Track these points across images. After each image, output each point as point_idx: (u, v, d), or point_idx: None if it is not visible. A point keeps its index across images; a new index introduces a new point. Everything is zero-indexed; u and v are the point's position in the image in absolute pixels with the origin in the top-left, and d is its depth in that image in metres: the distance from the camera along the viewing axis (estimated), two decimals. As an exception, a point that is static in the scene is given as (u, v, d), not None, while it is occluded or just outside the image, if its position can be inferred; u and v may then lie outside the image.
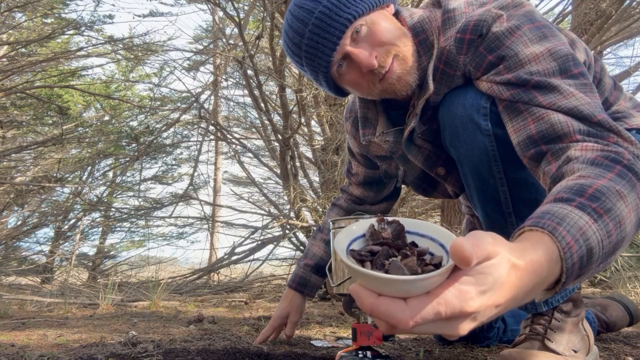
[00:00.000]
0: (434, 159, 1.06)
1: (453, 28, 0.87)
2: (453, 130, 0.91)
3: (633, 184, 0.62)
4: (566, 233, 0.52)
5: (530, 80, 0.78)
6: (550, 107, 0.76)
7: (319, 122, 4.32)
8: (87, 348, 1.28)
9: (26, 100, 5.03)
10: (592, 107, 0.74)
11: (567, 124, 0.73)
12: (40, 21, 4.99)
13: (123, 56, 5.26)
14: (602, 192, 0.58)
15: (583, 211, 0.55)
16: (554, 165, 0.73)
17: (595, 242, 0.54)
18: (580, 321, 1.03)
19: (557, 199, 0.58)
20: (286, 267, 4.61)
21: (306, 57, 0.90)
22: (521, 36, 0.81)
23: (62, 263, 5.77)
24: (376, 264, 0.46)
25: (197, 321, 1.79)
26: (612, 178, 0.61)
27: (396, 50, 0.88)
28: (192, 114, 5.29)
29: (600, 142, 0.70)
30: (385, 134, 1.04)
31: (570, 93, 0.76)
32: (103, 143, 5.74)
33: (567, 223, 0.53)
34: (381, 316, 0.42)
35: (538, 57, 0.79)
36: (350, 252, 0.49)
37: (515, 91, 0.80)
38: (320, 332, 1.62)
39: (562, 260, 0.51)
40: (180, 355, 1.17)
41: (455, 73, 0.90)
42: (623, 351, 1.25)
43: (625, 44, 4.32)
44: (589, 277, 0.57)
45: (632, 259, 2.99)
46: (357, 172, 1.29)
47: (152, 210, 5.63)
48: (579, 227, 0.53)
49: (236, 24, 3.57)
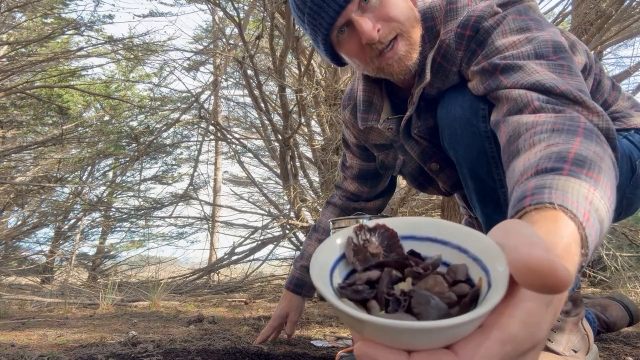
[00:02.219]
0: (429, 154, 1.05)
1: (454, 21, 0.86)
2: (451, 132, 0.89)
3: (601, 145, 0.56)
4: (578, 205, 0.43)
5: (499, 64, 0.76)
6: (513, 87, 0.72)
7: (319, 122, 4.32)
8: (87, 348, 1.28)
9: (26, 100, 5.03)
10: (556, 81, 0.69)
11: (526, 95, 0.69)
12: (40, 21, 4.99)
13: (123, 56, 5.26)
14: (583, 156, 0.51)
15: (578, 178, 0.47)
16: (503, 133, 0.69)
17: (604, 212, 0.46)
18: (580, 320, 1.03)
19: (541, 171, 0.50)
20: (286, 267, 4.61)
21: (309, 15, 0.86)
22: (504, 26, 0.80)
23: (62, 263, 5.77)
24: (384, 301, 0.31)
25: (197, 321, 1.79)
26: (582, 141, 0.56)
27: (401, 30, 0.85)
28: (192, 114, 5.29)
29: (555, 110, 0.65)
30: (389, 121, 1.01)
31: (535, 71, 0.72)
32: (103, 143, 5.74)
33: (572, 194, 0.44)
34: None
35: (515, 44, 0.77)
36: (341, 292, 0.33)
37: (487, 82, 0.78)
38: (320, 332, 1.62)
39: (583, 238, 0.42)
40: (180, 355, 1.17)
41: (451, 68, 0.88)
42: (623, 351, 1.25)
43: (625, 44, 4.32)
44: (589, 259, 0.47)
45: (632, 259, 2.99)
46: (352, 165, 1.27)
47: (152, 210, 5.63)
48: (584, 196, 0.45)
49: (236, 24, 3.57)
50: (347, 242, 0.37)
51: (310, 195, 4.12)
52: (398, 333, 0.28)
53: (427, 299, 0.30)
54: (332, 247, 0.37)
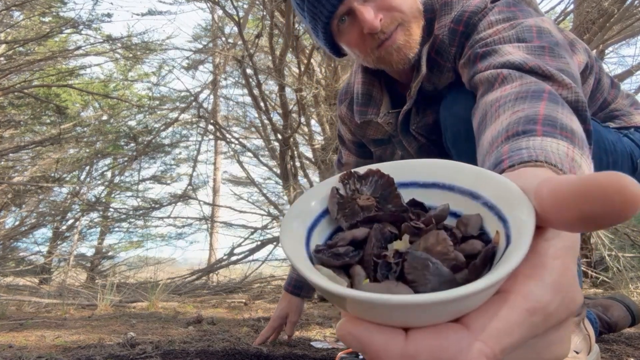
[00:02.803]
0: (427, 151, 1.03)
1: (448, 16, 0.84)
2: (455, 132, 0.87)
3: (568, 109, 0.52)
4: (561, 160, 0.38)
5: (479, 52, 0.73)
6: (486, 69, 0.69)
7: (318, 122, 4.31)
8: (86, 349, 1.26)
9: (24, 100, 5.01)
10: (527, 59, 0.64)
11: (497, 72, 0.65)
12: (38, 20, 4.97)
13: (121, 55, 5.25)
14: (552, 117, 0.48)
15: (553, 137, 0.43)
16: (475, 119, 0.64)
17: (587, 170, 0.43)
18: (582, 321, 1.02)
19: (512, 135, 0.45)
20: (286, 268, 4.60)
21: (309, 2, 0.84)
22: (489, 17, 0.78)
23: (60, 264, 5.75)
24: (372, 267, 0.24)
25: (196, 322, 1.77)
26: (547, 105, 0.51)
27: (402, 19, 0.83)
28: (191, 113, 5.27)
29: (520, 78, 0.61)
30: (389, 115, 0.99)
31: (508, 52, 0.68)
32: (101, 143, 5.72)
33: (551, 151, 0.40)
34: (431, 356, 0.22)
35: (498, 31, 0.74)
36: (316, 254, 0.26)
37: (469, 73, 0.74)
38: (320, 333, 1.60)
39: None
40: (179, 357, 1.15)
41: (445, 64, 0.87)
42: (625, 352, 1.24)
43: (628, 43, 4.31)
44: None
45: (634, 259, 2.99)
46: (348, 162, 1.24)
47: (150, 211, 5.61)
48: (565, 153, 0.41)
49: (235, 23, 3.56)
50: (332, 194, 0.29)
51: (310, 195, 4.10)
52: (385, 309, 0.21)
53: (425, 263, 0.23)
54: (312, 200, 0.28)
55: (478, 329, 0.22)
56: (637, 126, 1.03)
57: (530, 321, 0.23)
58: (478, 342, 0.22)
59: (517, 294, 0.23)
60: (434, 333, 0.22)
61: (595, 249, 3.07)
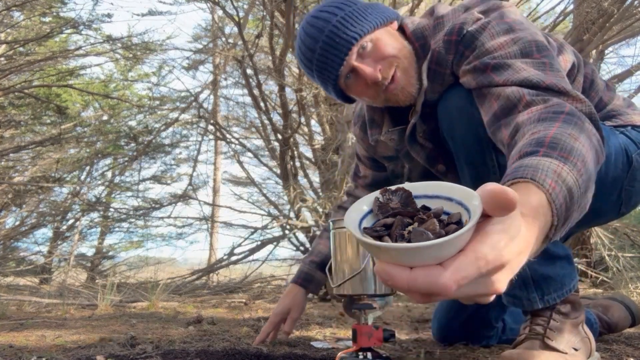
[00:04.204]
0: (435, 156, 1.12)
1: (441, 32, 0.97)
2: (450, 120, 0.98)
3: (580, 126, 0.66)
4: (545, 176, 0.53)
5: (489, 63, 0.87)
6: (504, 84, 0.82)
7: (319, 122, 4.31)
8: (86, 349, 1.27)
9: (24, 100, 5.01)
10: (541, 76, 0.80)
11: (518, 92, 0.79)
12: (38, 20, 4.97)
13: (122, 55, 5.25)
14: (557, 139, 0.61)
15: (550, 157, 0.57)
16: (505, 134, 0.79)
17: (572, 181, 0.55)
18: (580, 324, 1.03)
19: (522, 155, 0.60)
20: (286, 268, 4.61)
21: (317, 70, 1.02)
22: (490, 29, 0.91)
23: (61, 263, 5.75)
24: (395, 236, 0.43)
25: (196, 322, 1.78)
26: (560, 126, 0.65)
27: (398, 62, 0.99)
28: (191, 113, 5.27)
29: (544, 102, 0.75)
30: (390, 132, 1.12)
31: (522, 68, 0.83)
32: (101, 143, 5.72)
33: (542, 170, 0.54)
34: (421, 288, 0.39)
35: (502, 45, 0.88)
36: (364, 231, 0.46)
37: (479, 78, 0.88)
38: (320, 333, 1.61)
39: (550, 203, 0.51)
40: (179, 357, 1.16)
41: (445, 71, 0.98)
42: (625, 352, 1.25)
43: (627, 43, 4.30)
44: (571, 224, 0.57)
45: (634, 259, 2.99)
46: (365, 175, 1.37)
47: (151, 211, 5.61)
48: (553, 170, 0.55)
49: (236, 23, 3.56)
50: (374, 201, 0.50)
51: (310, 195, 4.11)
52: (398, 253, 0.40)
53: (422, 233, 0.41)
54: (363, 204, 0.50)
55: (448, 267, 0.39)
56: (634, 125, 1.07)
57: (477, 264, 0.39)
58: (447, 273, 0.38)
59: (471, 249, 0.40)
60: (424, 269, 0.39)
61: (595, 248, 3.07)
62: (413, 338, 1.49)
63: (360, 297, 1.03)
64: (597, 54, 3.32)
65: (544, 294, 0.96)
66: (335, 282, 1.05)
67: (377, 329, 1.01)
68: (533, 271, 0.95)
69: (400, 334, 1.58)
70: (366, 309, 1.02)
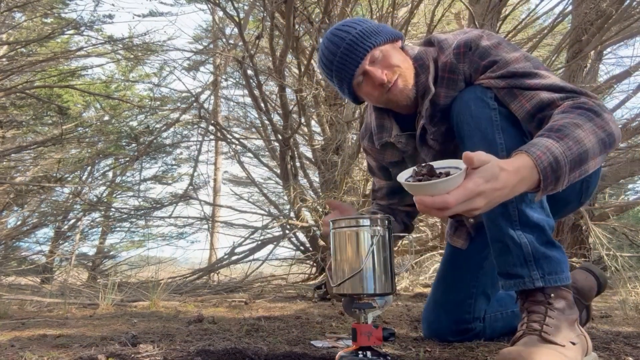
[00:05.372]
0: (441, 157, 1.16)
1: (449, 49, 1.19)
2: (466, 108, 1.14)
3: (590, 117, 0.94)
4: (536, 149, 0.86)
5: (516, 71, 1.10)
6: (536, 86, 1.07)
7: (319, 122, 4.32)
8: (87, 348, 1.28)
9: (26, 100, 5.03)
10: (562, 82, 1.09)
11: (550, 95, 1.05)
12: (39, 21, 4.99)
13: (123, 56, 5.26)
14: (563, 126, 0.92)
15: (549, 137, 0.89)
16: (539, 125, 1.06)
17: (559, 152, 0.86)
18: (575, 322, 1.05)
19: (536, 136, 0.92)
20: (286, 267, 4.61)
21: (336, 71, 1.23)
22: (503, 47, 1.16)
23: (62, 263, 5.77)
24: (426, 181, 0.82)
25: (197, 321, 1.79)
26: (573, 117, 0.94)
27: (400, 72, 1.20)
28: (192, 113, 5.29)
29: (572, 100, 1.02)
30: (399, 136, 1.31)
31: (547, 76, 1.09)
32: (103, 143, 5.74)
33: (536, 145, 0.87)
34: (437, 205, 0.77)
35: (518, 59, 1.13)
36: (407, 180, 0.84)
37: (508, 80, 1.11)
38: (320, 332, 1.62)
39: (536, 165, 0.84)
40: (180, 355, 1.17)
41: (458, 78, 1.18)
42: (623, 351, 1.25)
43: (626, 44, 4.31)
44: (567, 181, 0.88)
45: (632, 259, 2.99)
46: (381, 186, 1.51)
47: (151, 210, 5.63)
48: (545, 145, 0.87)
49: (236, 24, 3.57)
50: (412, 170, 0.86)
51: (310, 195, 4.12)
52: (425, 187, 0.79)
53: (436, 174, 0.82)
54: (406, 173, 0.87)
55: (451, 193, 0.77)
56: None
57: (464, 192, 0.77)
58: (449, 196, 0.77)
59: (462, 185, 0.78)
60: (439, 197, 0.77)
61: (594, 248, 3.08)
62: (413, 337, 1.50)
63: (360, 296, 1.04)
64: (596, 54, 3.32)
65: (544, 272, 1.04)
66: (335, 281, 1.06)
67: (376, 328, 1.02)
68: (534, 249, 1.04)
69: (399, 333, 1.59)
70: (366, 308, 1.02)
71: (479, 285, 1.39)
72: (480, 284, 1.39)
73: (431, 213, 0.80)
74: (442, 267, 1.50)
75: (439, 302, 1.43)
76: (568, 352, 0.96)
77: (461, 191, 0.76)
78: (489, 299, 1.41)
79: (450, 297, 1.40)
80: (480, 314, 1.39)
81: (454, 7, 5.28)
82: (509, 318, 1.43)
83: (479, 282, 1.39)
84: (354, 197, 3.70)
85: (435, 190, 0.77)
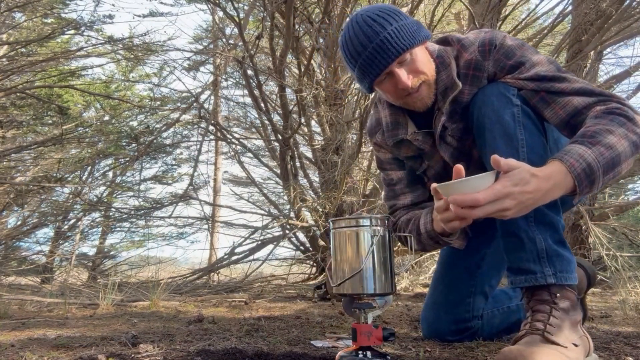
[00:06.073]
0: (458, 155, 1.27)
1: (472, 46, 1.20)
2: (490, 103, 1.15)
3: (622, 122, 0.99)
4: (569, 157, 0.93)
5: (545, 75, 1.13)
6: (566, 90, 1.10)
7: (319, 122, 4.32)
8: (87, 348, 1.28)
9: (26, 100, 5.03)
10: (589, 85, 1.11)
11: (583, 101, 1.08)
12: (40, 21, 4.99)
13: (123, 56, 5.26)
14: (595, 132, 0.98)
15: (582, 144, 0.96)
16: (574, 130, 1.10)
17: (592, 159, 0.93)
18: (578, 323, 1.06)
19: (569, 143, 0.98)
20: (286, 267, 4.61)
21: (361, 64, 1.17)
22: (527, 49, 1.18)
23: (62, 263, 5.76)
24: None
25: (197, 321, 1.79)
26: (605, 123, 0.99)
27: (425, 79, 1.19)
28: (192, 113, 5.29)
29: (603, 104, 1.05)
30: (416, 133, 1.30)
31: (574, 80, 1.12)
32: (103, 143, 5.74)
33: (569, 152, 0.94)
34: (467, 202, 0.86)
35: (542, 62, 1.16)
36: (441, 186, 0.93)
37: (537, 83, 1.13)
38: (320, 332, 1.62)
39: (570, 172, 0.92)
40: (180, 355, 1.17)
41: (482, 75, 1.19)
42: (623, 351, 1.25)
43: (626, 44, 4.32)
44: (602, 182, 0.96)
45: (632, 259, 2.99)
46: (400, 178, 1.41)
47: (152, 210, 5.62)
48: (578, 153, 0.94)
49: (236, 24, 3.58)
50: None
51: (310, 195, 4.12)
52: (455, 186, 0.90)
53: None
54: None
55: (481, 193, 0.87)
56: None
57: (493, 193, 0.87)
58: (479, 194, 0.87)
59: (491, 187, 0.88)
60: (469, 195, 0.87)
61: (594, 248, 3.08)
62: (413, 337, 1.50)
63: (360, 296, 1.04)
64: (596, 54, 3.32)
65: (556, 270, 1.05)
66: (335, 281, 1.06)
67: (376, 328, 1.02)
68: (548, 246, 1.05)
69: (399, 333, 1.59)
70: (366, 308, 1.03)
71: (477, 284, 1.39)
72: (478, 283, 1.40)
73: (463, 213, 0.89)
74: (439, 268, 1.51)
75: (438, 301, 1.43)
76: (570, 353, 0.96)
77: (490, 191, 0.85)
78: (487, 297, 1.42)
79: (449, 296, 1.41)
80: (479, 312, 1.40)
81: (454, 7, 5.29)
82: (505, 314, 1.44)
83: (477, 281, 1.40)
84: (354, 197, 3.70)
85: (466, 188, 0.86)
